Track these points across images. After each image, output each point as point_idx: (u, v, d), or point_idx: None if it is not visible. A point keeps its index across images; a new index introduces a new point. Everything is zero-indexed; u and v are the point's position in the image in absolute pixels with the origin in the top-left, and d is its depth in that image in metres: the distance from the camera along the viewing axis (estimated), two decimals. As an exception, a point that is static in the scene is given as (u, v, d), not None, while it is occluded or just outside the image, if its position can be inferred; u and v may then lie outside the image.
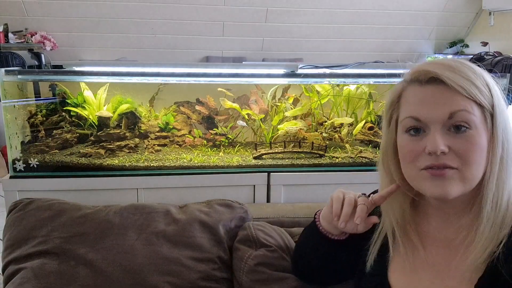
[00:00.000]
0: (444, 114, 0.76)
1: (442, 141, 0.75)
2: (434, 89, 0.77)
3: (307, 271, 1.07)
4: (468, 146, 0.75)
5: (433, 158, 0.76)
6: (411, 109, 0.80)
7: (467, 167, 0.76)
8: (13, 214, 1.24)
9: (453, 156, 0.76)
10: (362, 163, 1.60)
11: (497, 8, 4.45)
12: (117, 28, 4.31)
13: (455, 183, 0.76)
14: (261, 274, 1.11)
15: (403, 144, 0.81)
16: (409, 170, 0.81)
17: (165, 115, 1.69)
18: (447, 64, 0.78)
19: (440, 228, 0.85)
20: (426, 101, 0.78)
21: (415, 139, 0.79)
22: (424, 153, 0.77)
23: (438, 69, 0.77)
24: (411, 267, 0.85)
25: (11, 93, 1.51)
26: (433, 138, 0.76)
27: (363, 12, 4.54)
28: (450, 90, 0.76)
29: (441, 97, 0.77)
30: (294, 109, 1.69)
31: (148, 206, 1.26)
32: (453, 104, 0.76)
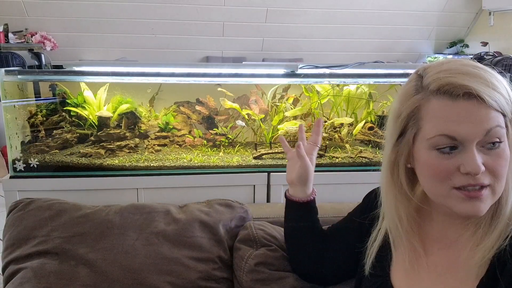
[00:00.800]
0: (482, 132, 0.72)
1: (480, 160, 0.72)
2: (468, 104, 0.72)
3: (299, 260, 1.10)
4: (500, 161, 0.73)
5: (470, 179, 0.73)
6: (443, 126, 0.73)
7: (498, 182, 0.74)
8: (13, 214, 1.24)
9: (486, 173, 0.73)
10: (362, 163, 1.60)
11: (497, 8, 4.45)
12: (117, 28, 4.31)
13: (488, 200, 0.74)
14: (261, 273, 1.11)
15: (433, 162, 0.75)
16: (437, 188, 0.77)
17: (165, 115, 1.69)
18: (476, 75, 0.73)
19: (443, 231, 0.84)
20: (461, 118, 0.72)
21: (447, 157, 0.74)
22: (458, 172, 0.73)
23: (473, 83, 0.72)
24: (413, 268, 0.85)
25: (11, 93, 1.51)
26: (472, 158, 0.72)
27: (363, 12, 4.54)
28: (485, 106, 0.71)
29: (477, 114, 0.72)
30: (294, 109, 1.70)
31: (148, 206, 1.26)
32: (489, 120, 0.72)
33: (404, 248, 0.86)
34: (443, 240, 0.84)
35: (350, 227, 1.02)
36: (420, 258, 0.85)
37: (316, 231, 1.09)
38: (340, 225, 1.07)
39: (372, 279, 0.90)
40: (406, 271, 0.86)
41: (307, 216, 1.09)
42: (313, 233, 1.08)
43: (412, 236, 0.86)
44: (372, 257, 0.91)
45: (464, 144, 0.73)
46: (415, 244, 0.85)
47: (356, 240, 0.98)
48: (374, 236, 0.92)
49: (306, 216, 1.09)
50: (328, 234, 1.09)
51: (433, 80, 0.75)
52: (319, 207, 1.31)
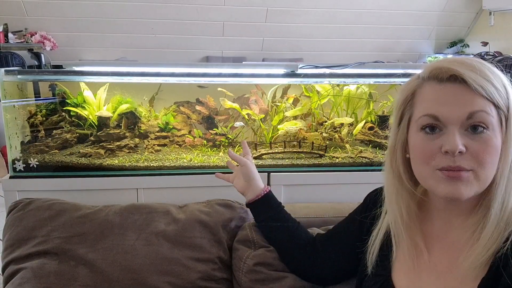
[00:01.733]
0: (464, 114, 0.74)
1: (460, 141, 0.74)
2: (454, 87, 0.76)
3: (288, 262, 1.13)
4: (484, 147, 0.74)
5: (450, 159, 0.75)
6: (428, 107, 0.77)
7: (481, 168, 0.75)
8: (13, 214, 1.24)
9: (468, 157, 0.74)
10: (362, 163, 1.60)
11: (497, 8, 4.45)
12: (117, 28, 4.31)
13: (469, 185, 0.75)
14: (260, 273, 1.11)
15: (418, 143, 0.79)
16: (422, 170, 0.79)
17: (165, 115, 1.69)
18: (467, 63, 0.76)
19: (444, 229, 0.84)
20: (445, 100, 0.76)
21: (430, 137, 0.77)
22: (440, 153, 0.76)
23: (459, 67, 0.75)
24: (414, 267, 0.85)
25: (11, 93, 1.51)
26: (451, 137, 0.74)
27: (363, 12, 4.54)
28: (470, 90, 0.74)
29: (461, 97, 0.75)
30: (294, 109, 1.69)
31: (148, 206, 1.26)
32: (473, 104, 0.74)
33: (406, 245, 0.86)
34: (444, 239, 0.84)
35: (351, 227, 1.02)
36: (422, 256, 0.85)
37: (290, 226, 1.12)
38: (341, 225, 1.08)
39: (374, 278, 0.90)
40: (407, 270, 0.86)
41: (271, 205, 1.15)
42: (287, 228, 1.12)
43: (413, 231, 0.86)
44: (374, 255, 0.90)
45: (446, 125, 0.76)
46: (417, 241, 0.85)
47: (357, 239, 0.98)
48: (375, 234, 0.92)
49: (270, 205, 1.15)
50: (328, 234, 1.09)
51: (426, 67, 0.80)
52: (319, 207, 1.31)
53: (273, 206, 1.15)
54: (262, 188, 1.17)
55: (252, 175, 1.18)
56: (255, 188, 1.17)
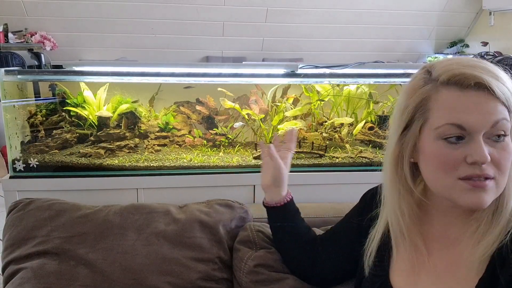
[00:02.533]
0: (489, 123, 0.72)
1: (487, 151, 0.73)
2: (478, 95, 0.73)
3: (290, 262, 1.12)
4: (505, 155, 0.74)
5: (476, 168, 0.73)
6: (452, 116, 0.74)
7: (502, 176, 0.74)
8: (13, 214, 1.24)
9: (491, 165, 0.74)
10: (362, 163, 1.60)
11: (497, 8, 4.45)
12: (117, 28, 4.31)
13: (491, 193, 0.74)
14: (261, 274, 1.11)
15: (438, 152, 0.76)
16: (442, 180, 0.77)
17: (165, 115, 1.69)
18: (485, 68, 0.74)
19: (443, 230, 0.84)
20: (470, 108, 0.73)
21: (453, 147, 0.74)
22: (464, 163, 0.74)
23: (481, 73, 0.73)
24: (413, 268, 0.85)
25: (11, 93, 1.51)
26: (479, 147, 0.72)
27: (363, 12, 4.54)
28: (494, 97, 0.73)
29: (486, 105, 0.73)
30: (294, 109, 1.69)
31: (148, 206, 1.26)
32: (496, 112, 0.73)
33: (406, 246, 0.86)
34: (443, 240, 0.84)
35: (348, 228, 1.02)
36: (422, 256, 0.84)
37: (301, 233, 1.10)
38: (338, 227, 1.08)
39: (372, 279, 0.90)
40: (406, 270, 0.86)
41: (287, 216, 1.12)
42: (298, 235, 1.10)
43: (414, 233, 0.86)
44: (372, 257, 0.90)
45: (472, 135, 0.73)
46: (417, 242, 0.85)
47: (355, 240, 0.98)
48: (373, 236, 0.92)
49: (287, 216, 1.12)
50: (326, 236, 1.09)
51: (443, 72, 0.76)
52: (319, 207, 1.30)
53: (288, 218, 1.11)
54: (283, 196, 1.11)
55: (280, 182, 1.11)
56: (277, 194, 1.11)
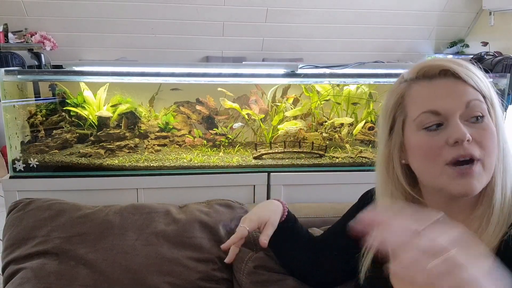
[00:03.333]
0: (462, 104, 0.75)
1: (465, 129, 0.74)
2: (446, 81, 0.77)
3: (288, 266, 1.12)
4: (486, 134, 0.75)
5: (459, 149, 0.74)
6: (425, 104, 0.78)
7: (487, 156, 0.75)
8: (13, 214, 1.24)
9: (475, 146, 0.75)
10: (362, 163, 1.60)
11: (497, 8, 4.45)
12: (117, 28, 4.31)
13: (480, 177, 0.75)
14: (260, 275, 1.11)
15: (420, 142, 0.78)
16: (430, 169, 0.78)
17: (165, 115, 1.68)
18: (449, 59, 0.79)
19: None
20: (441, 94, 0.77)
21: (434, 134, 0.77)
22: (447, 146, 0.75)
23: (445, 62, 0.78)
24: None
25: (11, 93, 1.51)
26: (457, 127, 0.74)
27: (363, 12, 4.53)
28: (461, 82, 0.77)
29: (455, 88, 0.76)
30: (294, 109, 1.69)
31: (148, 206, 1.26)
32: (467, 94, 0.76)
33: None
34: None
35: (347, 230, 1.01)
36: None
37: (300, 235, 1.10)
38: (336, 227, 1.07)
39: (371, 281, 0.90)
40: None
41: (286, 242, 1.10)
42: (296, 237, 1.09)
43: None
44: (369, 260, 0.90)
45: (448, 118, 0.76)
46: None
47: (354, 242, 0.98)
48: (369, 245, 0.91)
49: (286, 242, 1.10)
50: (324, 238, 1.09)
51: (411, 70, 0.82)
52: (319, 207, 1.31)
53: (287, 239, 1.09)
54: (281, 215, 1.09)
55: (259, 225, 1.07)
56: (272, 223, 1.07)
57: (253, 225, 1.04)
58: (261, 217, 1.05)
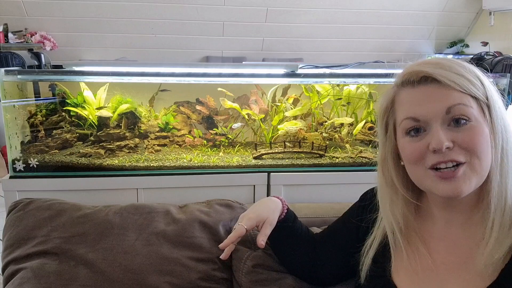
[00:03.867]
0: (442, 109, 0.76)
1: (445, 136, 0.75)
2: (427, 88, 0.78)
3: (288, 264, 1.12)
4: (471, 136, 0.75)
5: (439, 156, 0.75)
6: (407, 110, 0.79)
7: (475, 158, 0.75)
8: (13, 214, 1.24)
9: (459, 150, 0.75)
10: (362, 163, 1.60)
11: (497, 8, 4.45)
12: (117, 28, 4.31)
13: (467, 179, 0.75)
14: (260, 274, 1.11)
15: (405, 146, 0.80)
16: (415, 172, 0.80)
17: (165, 115, 1.68)
18: (436, 63, 0.79)
19: (446, 228, 0.84)
20: (421, 100, 0.78)
21: (416, 139, 0.79)
22: (429, 151, 0.76)
23: (428, 68, 0.78)
24: (417, 268, 0.84)
25: (11, 93, 1.51)
26: (435, 134, 0.75)
27: (363, 12, 4.53)
28: (444, 87, 0.76)
29: (436, 94, 0.77)
30: (294, 109, 1.69)
31: (148, 206, 1.26)
32: (449, 99, 0.76)
33: (404, 249, 0.85)
34: (448, 238, 0.83)
35: (347, 228, 1.02)
36: (423, 257, 0.84)
37: (300, 234, 1.09)
38: (337, 225, 1.07)
39: (374, 281, 0.90)
40: (409, 271, 0.85)
41: (287, 219, 1.09)
42: (296, 235, 1.09)
43: (412, 236, 0.85)
44: (370, 259, 0.90)
45: (429, 124, 0.78)
46: (417, 244, 0.85)
47: (354, 239, 0.98)
48: (372, 239, 0.92)
49: (287, 220, 1.09)
50: (324, 236, 1.08)
51: (399, 75, 0.83)
52: (319, 207, 1.30)
53: (286, 237, 1.09)
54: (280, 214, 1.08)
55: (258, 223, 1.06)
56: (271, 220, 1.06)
57: (251, 223, 1.04)
58: (259, 216, 1.05)
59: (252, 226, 1.04)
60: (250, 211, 1.08)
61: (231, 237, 1.03)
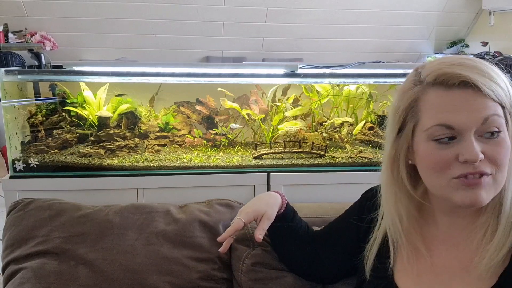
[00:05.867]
0: (479, 120, 0.72)
1: (478, 149, 0.71)
2: (464, 93, 0.72)
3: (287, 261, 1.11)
4: (500, 150, 0.73)
5: (469, 167, 0.72)
6: (440, 116, 0.73)
7: (499, 171, 0.73)
8: (13, 214, 1.24)
9: (487, 162, 0.72)
10: (362, 163, 1.60)
11: (497, 8, 4.45)
12: (117, 28, 4.31)
13: (489, 190, 0.73)
14: (259, 273, 1.11)
15: (429, 153, 0.75)
16: (437, 180, 0.76)
17: (165, 115, 1.69)
18: (472, 66, 0.73)
19: (449, 231, 0.83)
20: (458, 107, 0.72)
21: (445, 147, 0.74)
22: (457, 162, 0.73)
23: (467, 71, 0.72)
24: (417, 270, 0.84)
25: (11, 93, 1.51)
26: (470, 146, 0.71)
27: (363, 12, 4.54)
28: (481, 95, 0.72)
29: (474, 102, 0.72)
30: (294, 109, 1.69)
31: (148, 206, 1.26)
32: (486, 108, 0.72)
33: (405, 248, 0.85)
34: (450, 241, 0.82)
35: (348, 226, 1.01)
36: (423, 259, 0.84)
37: (300, 231, 1.09)
38: (337, 224, 1.07)
39: (375, 281, 0.89)
40: (411, 273, 0.85)
41: (286, 218, 1.09)
42: (296, 233, 1.08)
43: (413, 236, 0.85)
44: (372, 259, 0.90)
45: (462, 133, 0.73)
46: (418, 245, 0.84)
47: (355, 238, 0.97)
48: (373, 238, 0.91)
49: (286, 218, 1.09)
50: (324, 233, 1.08)
51: (430, 72, 0.76)
52: (319, 207, 1.30)
53: (287, 219, 1.09)
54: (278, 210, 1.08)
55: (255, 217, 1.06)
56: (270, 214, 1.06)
57: (249, 217, 1.03)
58: (257, 210, 1.04)
59: (250, 220, 1.03)
60: (248, 205, 1.07)
61: (229, 231, 1.02)
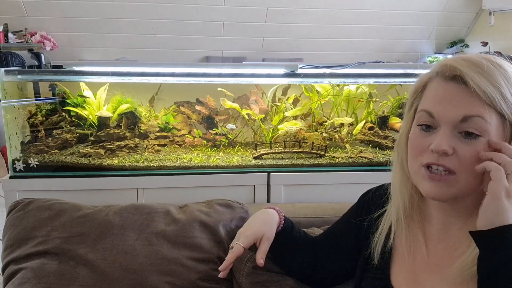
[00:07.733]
0: (458, 116, 0.73)
1: (447, 142, 0.73)
2: (456, 88, 0.74)
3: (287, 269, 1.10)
4: (472, 153, 0.72)
5: (435, 157, 0.74)
6: (428, 103, 0.77)
7: (464, 172, 0.73)
8: (13, 214, 1.24)
9: (455, 160, 0.73)
10: (362, 163, 1.60)
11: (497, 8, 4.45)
12: (117, 28, 4.31)
13: (450, 187, 0.75)
14: (260, 276, 1.11)
15: (413, 136, 0.80)
16: (411, 164, 0.80)
17: (165, 115, 1.69)
18: (478, 64, 0.73)
19: (443, 231, 0.83)
20: (443, 99, 0.75)
21: (425, 134, 0.77)
22: (428, 150, 0.75)
23: (466, 67, 0.73)
24: (414, 269, 0.85)
25: (11, 93, 1.51)
26: (440, 137, 0.74)
27: (363, 12, 4.54)
28: (471, 93, 0.72)
29: (459, 98, 0.73)
30: (294, 109, 1.69)
31: (148, 206, 1.26)
32: (469, 107, 0.72)
33: (405, 236, 0.86)
34: (445, 241, 0.83)
35: (347, 229, 1.01)
36: (421, 257, 0.84)
37: (299, 239, 1.08)
38: (336, 227, 1.07)
39: (372, 282, 0.90)
40: (406, 273, 0.86)
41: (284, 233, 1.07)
42: (295, 240, 1.07)
43: (414, 223, 0.86)
44: (380, 245, 0.90)
45: (440, 125, 0.75)
46: (417, 233, 0.85)
47: (354, 241, 0.98)
48: (381, 227, 0.91)
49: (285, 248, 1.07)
50: (325, 237, 1.08)
51: (436, 64, 0.79)
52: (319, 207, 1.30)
53: (285, 247, 1.07)
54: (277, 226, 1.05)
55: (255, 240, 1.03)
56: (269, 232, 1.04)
57: (249, 241, 1.01)
58: (256, 232, 1.02)
59: (250, 244, 1.01)
60: (246, 227, 1.05)
61: (229, 258, 1.00)
